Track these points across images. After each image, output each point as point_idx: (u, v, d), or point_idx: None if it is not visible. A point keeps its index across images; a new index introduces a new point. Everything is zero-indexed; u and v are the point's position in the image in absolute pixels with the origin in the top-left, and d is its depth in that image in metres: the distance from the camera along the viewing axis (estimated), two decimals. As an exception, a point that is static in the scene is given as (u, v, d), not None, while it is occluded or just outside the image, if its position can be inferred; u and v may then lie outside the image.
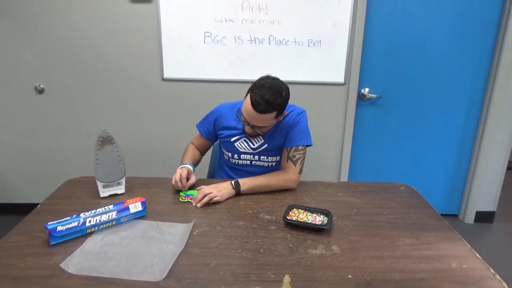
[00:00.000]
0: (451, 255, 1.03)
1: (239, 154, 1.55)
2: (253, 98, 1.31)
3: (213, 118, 1.58)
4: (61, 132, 2.40)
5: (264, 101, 1.30)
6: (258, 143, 1.52)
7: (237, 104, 1.56)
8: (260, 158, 1.55)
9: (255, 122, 1.37)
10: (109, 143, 1.29)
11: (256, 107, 1.31)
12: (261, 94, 1.30)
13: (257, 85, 1.34)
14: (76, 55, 2.24)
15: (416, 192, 1.46)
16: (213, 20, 2.18)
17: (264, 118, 1.34)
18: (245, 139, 1.52)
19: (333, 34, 2.23)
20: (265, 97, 1.30)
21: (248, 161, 1.56)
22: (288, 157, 1.47)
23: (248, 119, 1.37)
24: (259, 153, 1.54)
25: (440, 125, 2.46)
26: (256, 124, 1.39)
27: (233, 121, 1.53)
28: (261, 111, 1.31)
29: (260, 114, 1.32)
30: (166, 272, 0.91)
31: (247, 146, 1.53)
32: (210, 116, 1.60)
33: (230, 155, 1.57)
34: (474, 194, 2.55)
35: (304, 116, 1.52)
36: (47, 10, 2.15)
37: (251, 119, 1.36)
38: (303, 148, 1.49)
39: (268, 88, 1.31)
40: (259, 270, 0.95)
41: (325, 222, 1.15)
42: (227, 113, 1.55)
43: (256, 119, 1.35)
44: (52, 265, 0.94)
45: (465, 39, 2.28)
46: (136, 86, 2.32)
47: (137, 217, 1.18)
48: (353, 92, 2.34)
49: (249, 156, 1.55)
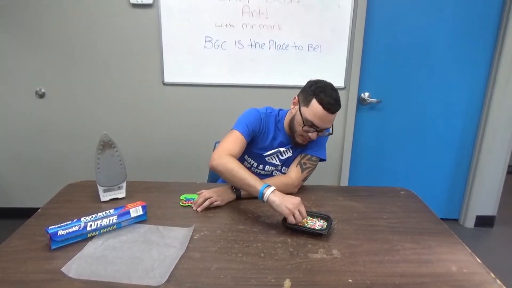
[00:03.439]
0: (451, 259, 1.03)
1: (265, 164, 1.52)
2: (324, 101, 1.31)
3: (260, 122, 1.45)
4: (62, 136, 2.40)
5: (335, 100, 1.32)
6: (286, 155, 1.51)
7: (272, 111, 1.50)
8: (282, 169, 1.54)
9: (328, 125, 1.38)
10: (110, 147, 1.29)
11: (330, 109, 1.32)
12: (329, 95, 1.32)
13: (320, 88, 1.34)
14: (77, 59, 2.25)
15: (416, 196, 1.46)
16: (214, 24, 2.20)
17: (334, 117, 1.37)
18: (277, 154, 1.50)
19: (333, 39, 2.24)
20: (334, 96, 1.32)
21: (269, 171, 1.54)
22: (299, 163, 1.46)
23: (319, 123, 1.35)
24: (283, 164, 1.53)
25: (440, 129, 2.47)
26: (327, 127, 1.39)
27: (272, 132, 1.49)
28: (335, 111, 1.34)
29: (332, 115, 1.34)
30: (167, 276, 0.91)
31: (277, 158, 1.51)
32: (255, 119, 1.44)
33: (255, 165, 1.53)
34: (474, 199, 2.55)
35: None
36: (48, 14, 2.16)
37: (325, 123, 1.36)
38: (316, 160, 1.49)
39: (330, 88, 1.34)
40: (259, 274, 0.95)
41: (325, 227, 1.15)
42: (269, 121, 1.48)
43: (330, 121, 1.36)
44: (53, 269, 0.94)
45: (465, 45, 2.29)
46: (137, 90, 2.33)
47: (137, 221, 1.18)
48: (353, 97, 2.35)
49: (273, 167, 1.53)
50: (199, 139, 2.40)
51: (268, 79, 2.30)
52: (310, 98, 1.34)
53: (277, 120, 1.50)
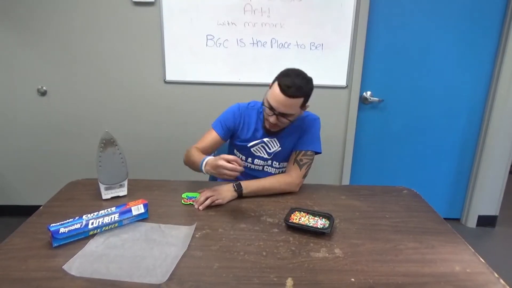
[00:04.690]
0: (454, 259, 1.03)
1: (253, 158, 1.54)
2: (282, 83, 1.31)
3: (235, 117, 1.52)
4: (64, 134, 2.40)
5: (294, 84, 1.30)
6: (274, 148, 1.51)
7: (255, 105, 1.54)
8: (272, 164, 1.55)
9: (283, 109, 1.34)
10: (111, 145, 1.29)
11: (286, 91, 1.30)
12: (290, 79, 1.31)
13: (284, 73, 1.35)
14: (79, 57, 2.25)
15: (419, 195, 1.46)
16: (216, 23, 2.19)
17: (292, 103, 1.33)
18: (262, 144, 1.51)
19: (335, 38, 2.23)
20: (295, 81, 1.31)
21: (260, 166, 1.55)
22: (295, 160, 1.47)
23: (276, 105, 1.34)
24: (272, 158, 1.53)
25: (442, 129, 2.46)
26: (283, 111, 1.35)
27: (254, 124, 1.51)
28: (291, 95, 1.31)
29: (289, 99, 1.31)
30: (168, 274, 0.91)
31: (264, 151, 1.52)
32: (229, 115, 1.52)
33: (243, 159, 1.56)
34: (476, 198, 2.54)
35: (317, 123, 1.52)
36: (50, 12, 2.16)
37: (280, 105, 1.33)
38: (312, 154, 1.49)
39: (297, 74, 1.34)
40: (261, 273, 0.94)
41: (327, 226, 1.15)
42: (250, 114, 1.52)
43: (285, 105, 1.33)
44: (54, 267, 0.94)
45: (467, 44, 2.28)
46: (139, 88, 2.32)
47: (139, 220, 1.18)
48: (355, 96, 2.34)
49: (262, 161, 1.54)
50: (200, 137, 2.39)
51: (270, 78, 2.23)
52: (274, 81, 1.37)
53: (259, 112, 1.51)
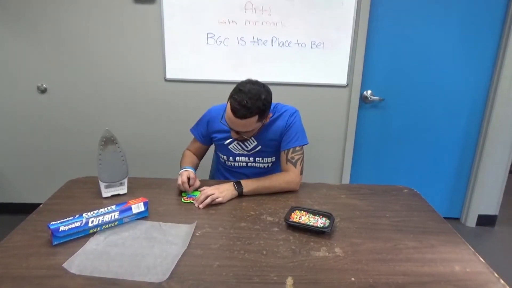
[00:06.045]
0: (454, 258, 1.03)
1: (234, 156, 1.55)
2: (232, 104, 1.29)
3: (206, 120, 1.57)
4: (64, 132, 2.40)
5: (242, 106, 1.27)
6: (251, 145, 1.51)
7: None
8: (256, 160, 1.55)
9: (237, 128, 1.35)
10: (112, 143, 1.29)
11: (235, 113, 1.29)
12: (239, 100, 1.27)
13: (236, 91, 1.32)
14: (79, 55, 2.24)
15: (419, 195, 1.46)
16: (216, 21, 2.18)
17: (245, 123, 1.32)
18: (238, 142, 1.51)
19: (336, 36, 2.23)
20: (243, 103, 1.27)
21: (243, 163, 1.56)
22: (287, 160, 1.46)
23: (231, 125, 1.36)
24: (253, 154, 1.53)
25: (442, 128, 2.46)
26: (238, 130, 1.36)
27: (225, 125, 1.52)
28: (240, 117, 1.29)
29: (240, 120, 1.30)
30: (169, 273, 0.91)
31: (241, 148, 1.52)
32: (203, 119, 1.59)
33: (225, 158, 1.57)
34: (476, 198, 2.54)
35: (297, 116, 1.50)
36: (50, 10, 2.15)
37: (233, 125, 1.34)
38: (301, 149, 1.49)
39: (246, 93, 1.29)
40: (261, 272, 0.94)
41: (327, 225, 1.15)
42: (219, 115, 1.52)
43: (238, 125, 1.33)
44: (54, 265, 0.94)
45: (468, 43, 2.28)
46: (139, 86, 2.32)
47: (139, 218, 1.18)
48: (355, 94, 2.34)
49: (244, 158, 1.54)
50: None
51: (270, 76, 2.29)
52: (229, 98, 1.33)
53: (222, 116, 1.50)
